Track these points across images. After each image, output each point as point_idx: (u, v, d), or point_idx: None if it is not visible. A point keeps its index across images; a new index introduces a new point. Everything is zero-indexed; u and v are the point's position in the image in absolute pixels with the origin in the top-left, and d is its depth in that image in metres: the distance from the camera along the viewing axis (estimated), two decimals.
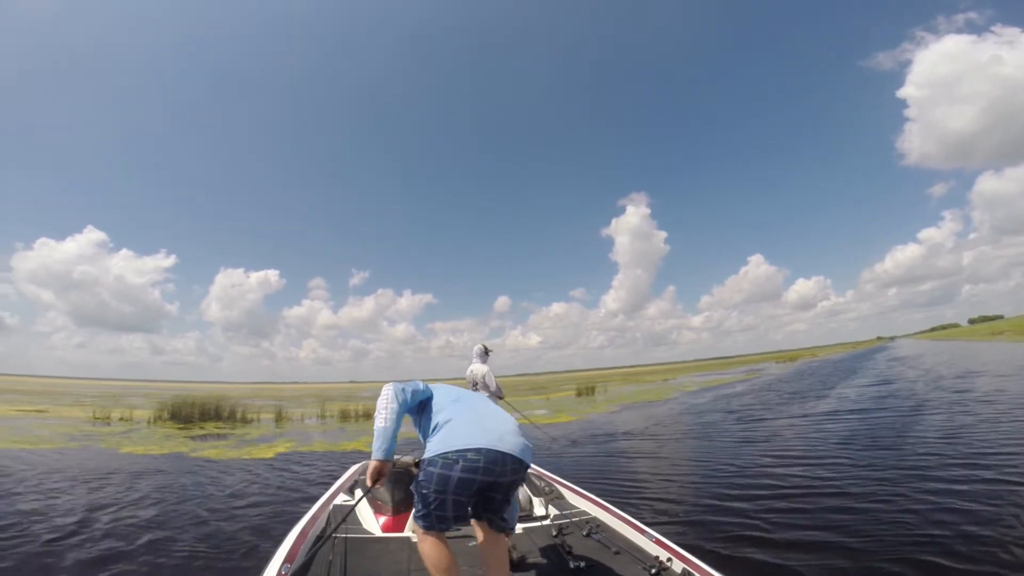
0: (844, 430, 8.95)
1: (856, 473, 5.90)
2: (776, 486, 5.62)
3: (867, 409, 11.32)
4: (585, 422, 13.53)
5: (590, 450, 8.90)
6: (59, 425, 13.94)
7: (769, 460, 7.05)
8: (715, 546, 3.85)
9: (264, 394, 45.74)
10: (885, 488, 5.19)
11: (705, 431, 10.50)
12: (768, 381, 25.63)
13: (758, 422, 11.07)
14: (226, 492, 6.19)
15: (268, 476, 7.22)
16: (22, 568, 3.72)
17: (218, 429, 13.81)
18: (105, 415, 16.26)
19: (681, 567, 2.38)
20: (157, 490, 6.24)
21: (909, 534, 3.92)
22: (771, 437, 8.91)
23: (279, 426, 14.95)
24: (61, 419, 15.74)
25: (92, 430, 13.18)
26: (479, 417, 2.26)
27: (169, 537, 4.44)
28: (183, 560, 3.91)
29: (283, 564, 2.31)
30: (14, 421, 14.54)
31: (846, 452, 7.12)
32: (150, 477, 7.04)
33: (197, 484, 6.64)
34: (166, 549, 4.14)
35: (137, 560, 3.89)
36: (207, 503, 5.65)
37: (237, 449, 9.81)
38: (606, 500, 3.48)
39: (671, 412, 14.89)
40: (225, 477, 7.10)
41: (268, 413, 17.92)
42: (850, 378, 21.65)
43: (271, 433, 12.97)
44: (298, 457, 8.89)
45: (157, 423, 14.78)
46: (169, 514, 5.18)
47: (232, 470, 7.65)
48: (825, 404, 13.13)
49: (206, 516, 5.12)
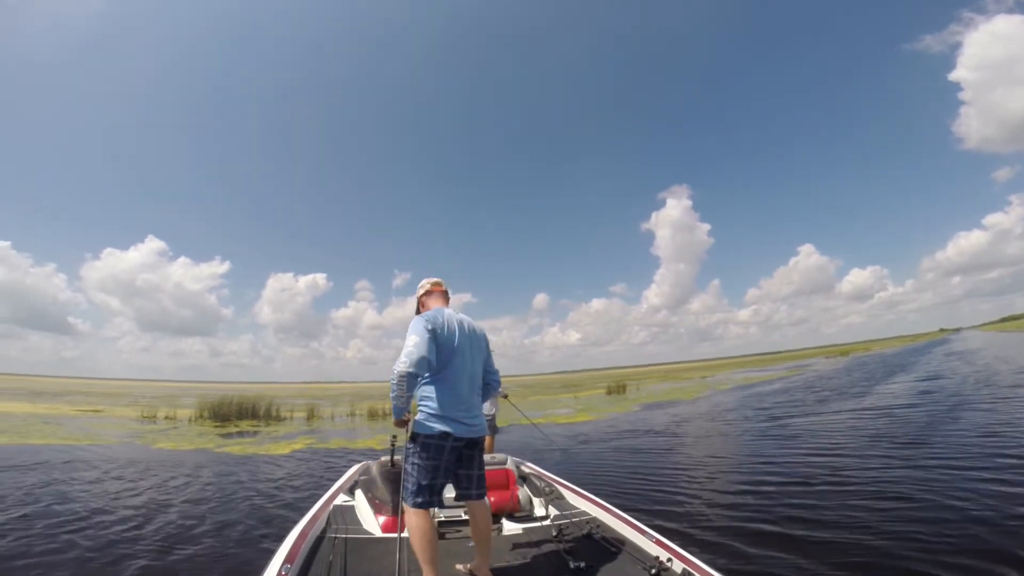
0: (869, 428, 8.49)
1: (867, 473, 5.61)
2: (783, 484, 5.43)
3: (902, 406, 10.69)
4: (602, 422, 13.30)
5: (592, 450, 8.79)
6: (109, 424, 14.97)
7: (783, 459, 6.80)
8: (714, 547, 3.76)
9: (309, 393, 47.56)
10: (897, 486, 4.96)
11: (724, 430, 10.15)
12: (809, 378, 24.39)
13: (782, 421, 10.62)
14: (228, 487, 6.46)
15: (273, 472, 7.50)
16: (28, 551, 3.99)
17: (251, 427, 14.44)
18: (152, 414, 17.35)
19: (681, 567, 2.36)
20: (163, 481, 6.60)
21: (918, 533, 3.76)
22: (793, 437, 8.54)
23: (308, 424, 15.47)
24: (114, 418, 16.89)
25: (137, 428, 14.08)
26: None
27: (166, 527, 4.67)
28: (162, 551, 4.10)
29: (283, 564, 2.32)
30: (72, 420, 15.70)
31: (863, 450, 6.79)
32: (164, 469, 7.45)
33: (204, 477, 6.98)
34: (153, 537, 4.35)
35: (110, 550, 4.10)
36: (209, 495, 5.93)
37: (258, 446, 10.23)
38: (606, 500, 3.47)
39: (695, 411, 14.46)
40: (234, 471, 7.41)
41: (301, 412, 18.60)
42: (897, 374, 20.34)
43: (297, 431, 13.45)
44: (311, 454, 9.20)
45: (197, 422, 15.62)
46: (164, 506, 5.45)
47: (244, 465, 8.01)
48: (860, 402, 12.42)
49: (204, 507, 5.37)
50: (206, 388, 30.65)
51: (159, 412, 17.78)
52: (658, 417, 13.41)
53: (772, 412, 12.28)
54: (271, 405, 17.57)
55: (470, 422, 2.47)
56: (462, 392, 2.46)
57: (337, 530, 2.94)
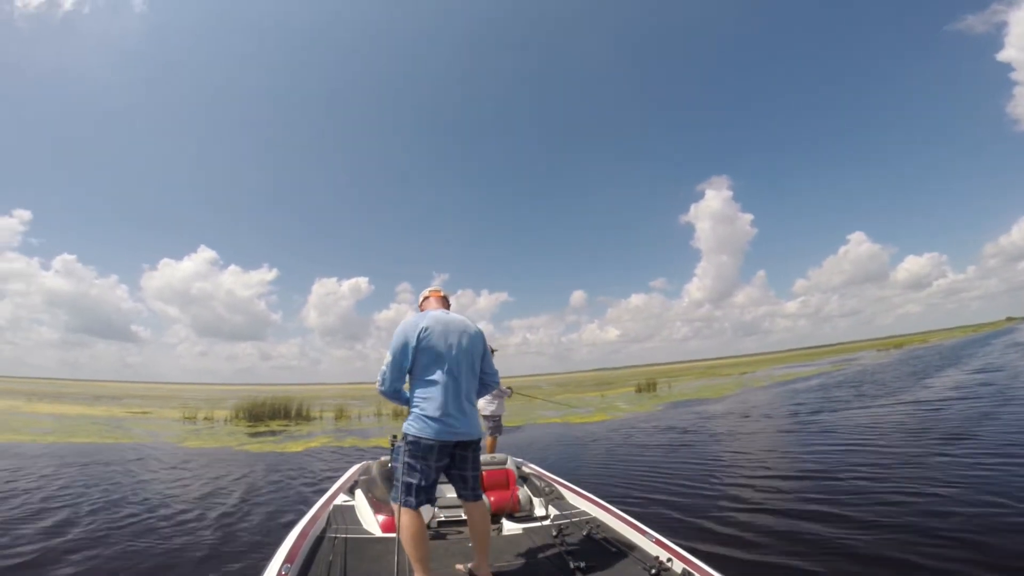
0: (893, 426, 8.12)
1: (875, 473, 5.41)
2: (793, 487, 5.24)
3: (944, 400, 10.03)
4: (616, 422, 13.05)
5: (595, 450, 8.73)
6: (152, 424, 15.91)
7: (796, 458, 6.63)
8: (715, 549, 3.68)
9: (349, 394, 48.90)
10: (912, 485, 4.74)
11: (740, 429, 9.79)
12: (852, 373, 23.10)
13: (807, 418, 10.20)
14: (235, 481, 6.71)
15: (279, 466, 7.75)
16: (32, 539, 4.25)
17: (280, 427, 14.99)
18: (193, 415, 18.27)
19: (681, 567, 2.35)
20: (173, 476, 6.93)
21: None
22: (814, 434, 8.19)
23: (335, 424, 15.89)
24: (158, 419, 17.94)
25: (176, 428, 14.90)
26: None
27: (166, 517, 4.89)
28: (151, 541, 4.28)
29: (283, 564, 2.33)
30: (119, 421, 16.78)
31: (881, 449, 6.52)
32: (180, 464, 7.82)
33: (213, 472, 7.27)
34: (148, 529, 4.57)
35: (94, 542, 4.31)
36: (214, 488, 6.17)
37: (276, 444, 10.62)
38: (606, 500, 3.45)
39: (719, 410, 13.89)
40: (244, 467, 7.69)
41: (330, 412, 19.15)
42: (947, 368, 19.01)
43: (320, 430, 13.87)
44: (322, 452, 9.47)
45: (232, 422, 16.34)
46: (164, 497, 5.70)
47: (256, 461, 8.32)
48: (898, 398, 11.73)
49: (206, 502, 5.59)
50: (255, 390, 32.20)
51: (199, 413, 18.71)
52: (678, 416, 13.02)
53: (799, 409, 11.76)
54: (302, 405, 18.18)
55: (459, 423, 2.45)
56: (450, 393, 2.44)
57: (337, 530, 2.96)
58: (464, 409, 2.49)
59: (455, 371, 2.49)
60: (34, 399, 27.72)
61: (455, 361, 2.50)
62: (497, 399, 6.64)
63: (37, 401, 25.81)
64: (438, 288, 2.93)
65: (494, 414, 6.57)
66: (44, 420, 15.81)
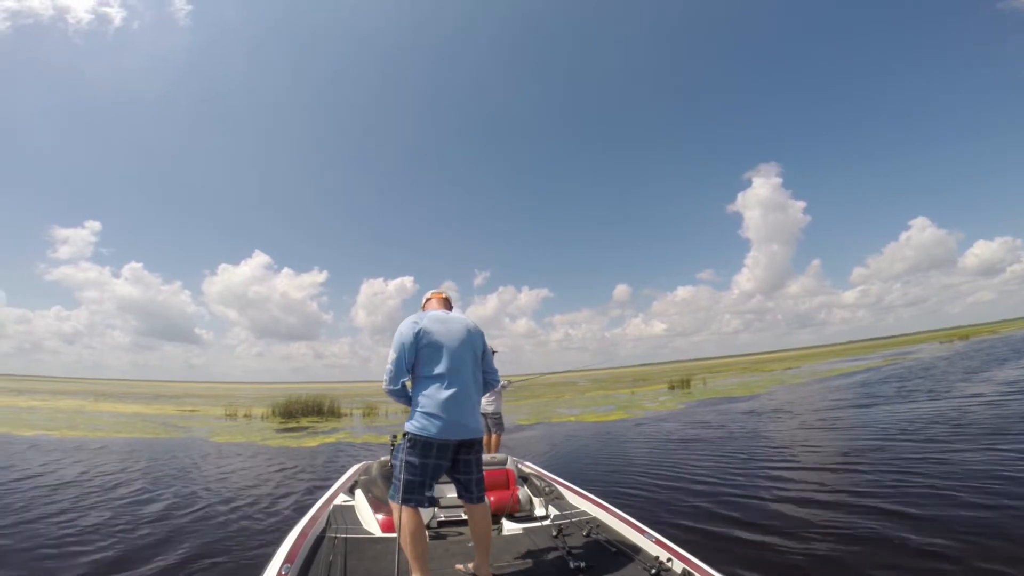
0: (921, 429, 7.74)
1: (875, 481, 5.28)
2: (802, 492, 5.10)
3: (986, 402, 9.17)
4: (631, 421, 12.84)
5: (598, 450, 8.83)
6: (195, 421, 16.93)
7: (809, 464, 6.38)
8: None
9: None
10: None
11: (755, 429, 9.41)
12: (903, 368, 21.55)
13: (831, 418, 9.64)
14: (240, 475, 7.03)
15: (284, 463, 8.06)
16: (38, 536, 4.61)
17: (309, 423, 15.59)
18: (233, 412, 19.29)
19: (681, 567, 2.36)
20: (184, 467, 7.32)
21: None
22: (829, 434, 7.75)
23: (362, 420, 16.36)
24: (203, 416, 19.09)
25: (214, 424, 15.77)
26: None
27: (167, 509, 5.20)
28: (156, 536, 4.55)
29: (283, 564, 2.34)
30: (167, 418, 17.97)
31: (887, 457, 6.35)
32: (198, 457, 8.26)
33: (225, 466, 7.64)
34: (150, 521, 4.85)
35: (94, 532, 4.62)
36: (220, 481, 6.50)
37: (295, 440, 11.09)
38: (606, 500, 3.45)
39: (743, 408, 13.28)
40: (257, 460, 8.05)
41: (359, 409, 19.74)
42: (1010, 361, 17.47)
43: (343, 426, 14.34)
44: (334, 446, 9.81)
45: (267, 419, 17.15)
46: (169, 490, 6.03)
47: (271, 454, 8.71)
48: (943, 394, 10.89)
49: (209, 493, 5.89)
50: (304, 388, 33.70)
51: (240, 411, 19.73)
52: (697, 415, 12.59)
53: (825, 408, 11.19)
54: (333, 403, 18.83)
55: (461, 421, 2.44)
56: (451, 391, 2.43)
57: (337, 530, 2.98)
58: (465, 407, 2.47)
59: (456, 369, 2.48)
60: (100, 399, 30.12)
61: (456, 359, 2.50)
62: (496, 397, 6.75)
63: (102, 401, 28.02)
64: (441, 291, 2.96)
65: (495, 412, 6.73)
66: (101, 418, 17.13)
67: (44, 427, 13.19)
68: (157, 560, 3.75)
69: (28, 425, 13.63)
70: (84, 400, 28.15)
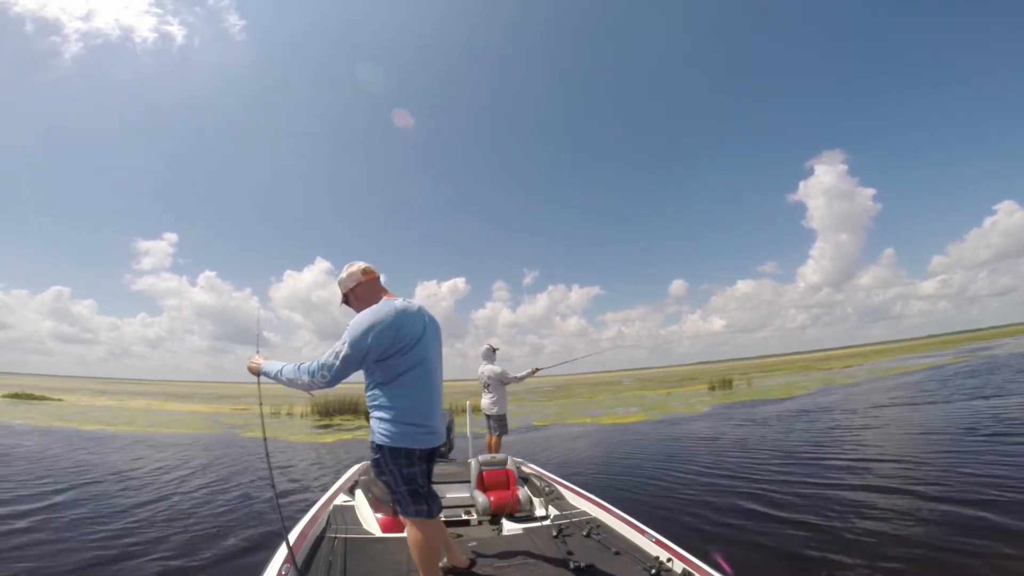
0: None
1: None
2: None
3: None
4: (651, 423, 12.61)
5: (600, 452, 8.95)
6: (240, 418, 18.14)
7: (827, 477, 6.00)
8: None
9: (445, 389, 51.35)
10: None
11: (759, 439, 9.02)
12: (972, 366, 19.70)
13: (870, 422, 9.03)
14: (246, 470, 7.56)
15: (291, 459, 8.56)
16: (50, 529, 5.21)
17: (341, 421, 16.41)
18: (277, 411, 20.50)
19: (681, 567, 2.37)
20: (210, 459, 7.95)
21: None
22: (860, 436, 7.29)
23: None
24: (250, 414, 20.37)
25: (255, 421, 16.79)
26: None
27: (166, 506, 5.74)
28: None
29: (283, 564, 2.33)
30: (218, 416, 19.43)
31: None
32: (222, 451, 8.95)
33: (246, 460, 8.23)
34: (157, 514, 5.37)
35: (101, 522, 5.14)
36: (235, 474, 7.04)
37: (315, 436, 11.73)
38: (606, 500, 3.48)
39: (770, 412, 12.48)
40: (250, 457, 8.55)
41: None
42: None
43: (365, 424, 14.85)
44: (346, 444, 10.31)
45: (304, 417, 18.12)
46: (180, 484, 6.59)
47: (287, 448, 9.29)
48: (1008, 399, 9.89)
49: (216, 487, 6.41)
50: (357, 388, 34.80)
51: (282, 409, 20.95)
52: (718, 419, 12.09)
53: (864, 410, 10.51)
54: (362, 401, 19.56)
55: (439, 430, 2.29)
56: (425, 394, 2.24)
57: (337, 530, 3.00)
58: (439, 412, 2.32)
59: (434, 370, 2.30)
60: (169, 399, 32.82)
61: (431, 359, 2.29)
62: (499, 398, 6.22)
63: (169, 401, 30.54)
64: (371, 267, 2.48)
65: (499, 414, 6.22)
66: (159, 415, 18.78)
67: (107, 423, 14.71)
68: (154, 555, 4.15)
69: (95, 420, 15.30)
70: (153, 400, 30.76)
